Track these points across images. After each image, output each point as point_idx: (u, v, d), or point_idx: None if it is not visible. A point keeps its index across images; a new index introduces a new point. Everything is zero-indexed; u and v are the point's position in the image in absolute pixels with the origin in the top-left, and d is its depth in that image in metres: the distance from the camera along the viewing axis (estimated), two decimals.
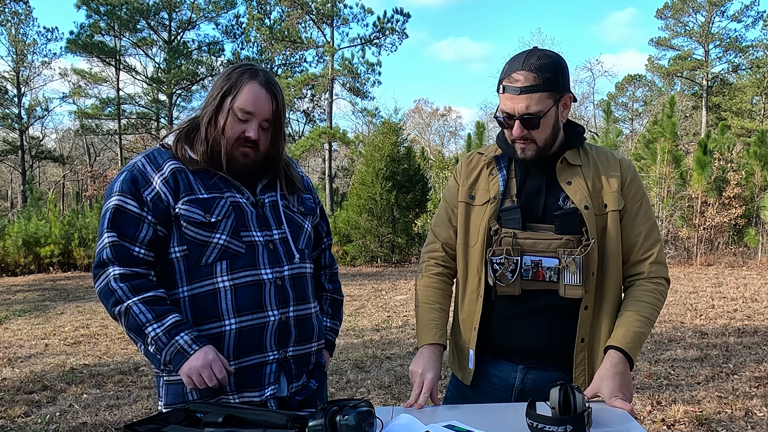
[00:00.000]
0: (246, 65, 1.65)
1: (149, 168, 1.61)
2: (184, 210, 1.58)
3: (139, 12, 29.29)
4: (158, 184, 1.59)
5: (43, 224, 15.07)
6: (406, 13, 27.84)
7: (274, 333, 1.62)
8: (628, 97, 41.33)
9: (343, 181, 36.01)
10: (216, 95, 1.61)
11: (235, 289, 1.59)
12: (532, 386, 1.73)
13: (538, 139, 1.66)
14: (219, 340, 1.58)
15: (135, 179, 1.60)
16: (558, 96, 1.64)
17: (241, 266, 1.60)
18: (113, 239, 1.57)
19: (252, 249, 1.62)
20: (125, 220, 1.58)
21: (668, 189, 14.00)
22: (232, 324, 1.58)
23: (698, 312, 7.82)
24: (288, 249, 1.67)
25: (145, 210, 1.58)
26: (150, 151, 1.67)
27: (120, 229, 1.57)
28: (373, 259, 15.18)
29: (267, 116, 1.61)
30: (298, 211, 1.75)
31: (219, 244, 1.59)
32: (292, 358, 1.66)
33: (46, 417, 4.30)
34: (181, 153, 1.63)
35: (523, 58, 1.63)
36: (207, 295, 1.59)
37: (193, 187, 1.60)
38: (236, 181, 1.65)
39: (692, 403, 4.31)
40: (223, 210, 1.60)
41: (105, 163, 39.87)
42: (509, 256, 1.66)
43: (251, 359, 1.61)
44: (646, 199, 1.76)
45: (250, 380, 1.61)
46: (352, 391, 4.80)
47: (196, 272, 1.60)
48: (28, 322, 8.25)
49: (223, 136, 1.60)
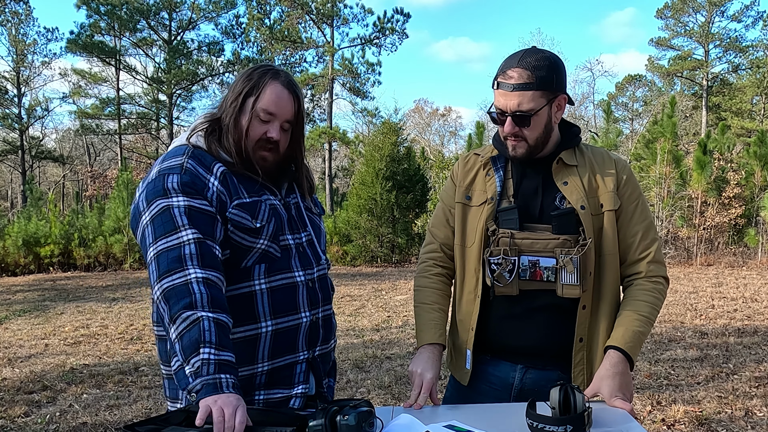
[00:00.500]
0: (266, 66, 1.63)
1: (201, 169, 1.54)
2: (235, 214, 1.54)
3: (139, 12, 29.28)
4: (215, 185, 1.54)
5: (43, 224, 15.07)
6: (406, 13, 27.85)
7: (306, 333, 1.63)
8: (628, 97, 41.34)
9: (343, 181, 36.01)
10: (238, 96, 1.59)
11: (271, 291, 1.59)
12: (530, 386, 1.73)
13: (528, 138, 1.66)
14: (255, 342, 1.57)
15: (193, 181, 1.52)
16: (551, 96, 1.65)
17: (277, 269, 1.60)
18: (197, 236, 1.46)
19: (287, 252, 1.62)
20: (201, 218, 1.49)
21: (668, 189, 14.01)
22: (269, 326, 1.58)
23: (698, 312, 7.82)
24: (315, 251, 1.69)
25: (215, 209, 1.52)
26: (188, 151, 1.57)
27: (199, 227, 1.47)
28: (373, 259, 15.18)
29: (289, 117, 1.60)
30: (315, 213, 1.77)
31: (261, 248, 1.58)
32: (319, 357, 1.68)
33: (46, 417, 4.31)
34: (218, 154, 1.59)
35: (520, 56, 1.65)
36: (243, 297, 1.57)
37: (239, 191, 1.57)
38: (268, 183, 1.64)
39: (692, 403, 4.31)
40: (266, 215, 1.59)
41: (105, 163, 39.87)
42: (507, 256, 1.67)
43: (284, 360, 1.61)
44: (642, 198, 1.77)
45: (280, 379, 1.61)
46: (352, 391, 4.80)
47: (232, 275, 1.56)
48: (28, 322, 8.25)
49: (246, 138, 1.58)
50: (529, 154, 1.69)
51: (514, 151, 1.70)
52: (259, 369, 1.58)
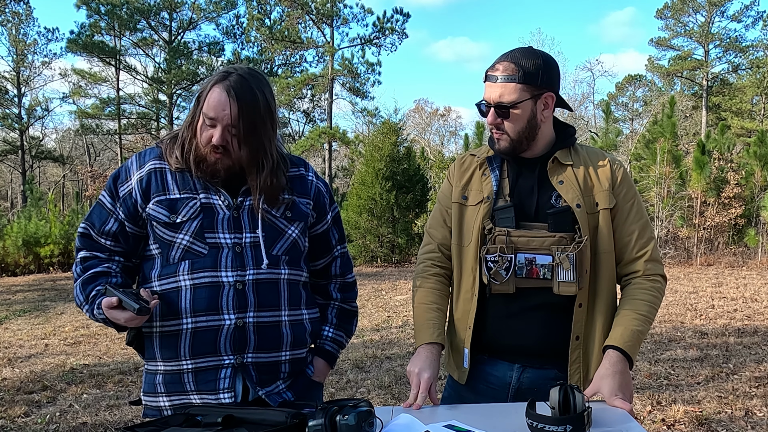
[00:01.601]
0: (225, 69, 1.65)
1: (135, 165, 1.70)
2: (152, 210, 1.64)
3: (140, 12, 29.28)
4: (134, 182, 1.67)
5: (43, 224, 15.08)
6: (406, 13, 27.85)
7: (230, 337, 1.61)
8: (628, 97, 41.32)
9: (343, 181, 36.00)
10: (195, 98, 1.65)
11: (194, 288, 1.61)
12: (528, 385, 1.74)
13: (510, 131, 1.68)
14: (177, 337, 1.62)
15: (118, 175, 1.70)
16: (536, 91, 1.66)
17: (201, 267, 1.61)
18: (83, 230, 1.70)
19: (215, 251, 1.62)
20: (99, 213, 1.70)
21: (668, 189, 14.01)
22: (189, 323, 1.61)
23: (698, 312, 7.82)
24: (257, 254, 1.64)
25: (118, 205, 1.68)
26: (145, 149, 1.74)
27: (92, 220, 1.71)
28: (373, 259, 15.18)
29: (229, 122, 1.57)
30: (282, 216, 1.69)
31: (182, 244, 1.63)
32: (252, 364, 1.64)
33: (46, 417, 4.31)
34: (169, 152, 1.68)
35: (511, 51, 1.69)
36: (172, 292, 1.63)
37: (168, 187, 1.65)
38: (217, 184, 1.66)
39: (692, 403, 4.31)
40: (191, 211, 1.63)
41: (105, 163, 39.86)
42: (503, 253, 1.68)
43: (206, 360, 1.62)
44: (637, 197, 1.78)
45: (206, 381, 1.63)
46: (352, 391, 4.80)
47: (165, 270, 1.65)
48: (28, 322, 8.25)
49: (198, 139, 1.63)
50: (512, 148, 1.71)
51: (498, 144, 1.72)
52: (184, 366, 1.64)
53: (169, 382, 1.66)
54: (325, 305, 1.87)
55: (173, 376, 1.65)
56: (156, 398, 1.70)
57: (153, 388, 1.70)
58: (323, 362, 1.83)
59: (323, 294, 1.87)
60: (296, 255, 1.73)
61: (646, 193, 14.27)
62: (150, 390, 1.71)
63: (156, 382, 1.69)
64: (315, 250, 1.82)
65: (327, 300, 1.88)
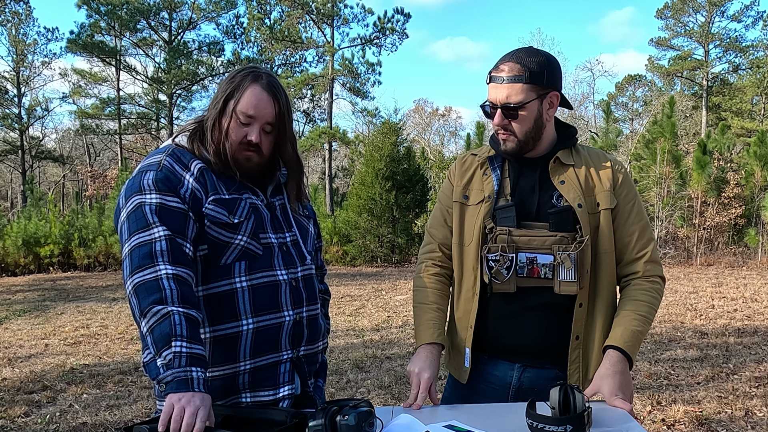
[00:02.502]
0: (250, 68, 1.64)
1: (178, 167, 1.58)
2: (211, 209, 1.57)
3: (140, 12, 29.27)
4: (191, 183, 1.57)
5: (43, 224, 15.08)
6: (406, 13, 27.82)
7: (289, 332, 1.63)
8: (628, 97, 41.31)
9: (343, 181, 36.00)
10: (220, 98, 1.62)
11: (253, 289, 1.60)
12: (529, 385, 1.74)
13: (518, 131, 1.68)
14: (236, 340, 1.58)
15: (168, 177, 1.55)
16: (542, 91, 1.67)
17: (259, 267, 1.61)
18: (167, 233, 1.48)
19: (269, 250, 1.64)
20: (172, 216, 1.52)
21: (668, 189, 14.01)
22: (250, 324, 1.59)
23: (698, 312, 7.82)
24: (299, 251, 1.70)
25: (187, 206, 1.55)
26: (169, 150, 1.63)
27: (170, 224, 1.50)
28: (373, 259, 15.18)
29: (269, 120, 1.60)
30: (303, 215, 1.78)
31: (240, 245, 1.60)
32: (303, 357, 1.68)
33: (46, 417, 4.31)
34: (199, 153, 1.63)
35: (514, 52, 1.69)
36: (224, 295, 1.59)
37: (218, 187, 1.60)
38: (249, 183, 1.66)
39: (692, 403, 4.32)
40: (245, 211, 1.61)
41: (105, 163, 39.87)
42: (504, 253, 1.68)
43: (267, 359, 1.61)
44: (638, 198, 1.78)
45: (265, 379, 1.62)
46: (352, 391, 4.80)
47: (213, 272, 1.59)
48: (28, 322, 8.25)
49: (227, 140, 1.60)
50: (519, 149, 1.71)
51: (504, 146, 1.72)
52: (241, 368, 1.59)
53: (220, 387, 1.58)
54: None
55: (226, 381, 1.59)
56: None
57: None
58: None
59: None
60: (314, 250, 1.82)
61: (646, 193, 14.27)
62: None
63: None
64: None
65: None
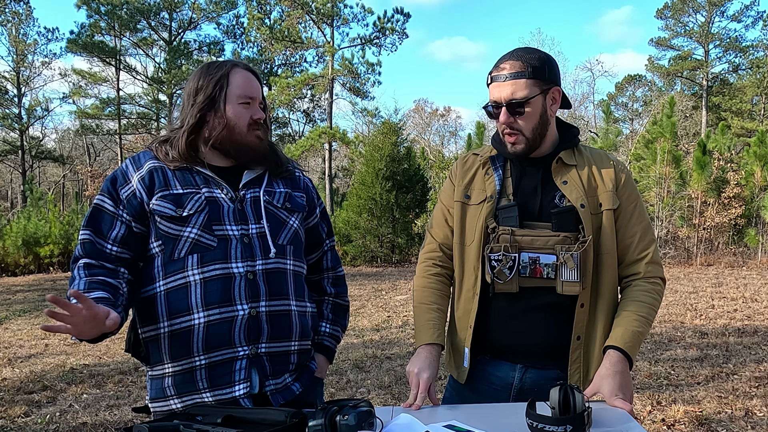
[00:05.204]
0: (219, 61, 1.74)
1: (131, 168, 1.69)
2: (157, 205, 1.62)
3: (140, 12, 29.28)
4: (135, 182, 1.65)
5: (42, 224, 15.09)
6: (406, 12, 27.79)
7: (244, 327, 1.61)
8: (628, 97, 41.31)
9: (343, 181, 35.98)
10: (201, 95, 1.66)
11: (204, 282, 1.60)
12: (530, 385, 1.74)
13: (525, 129, 1.68)
14: (189, 334, 1.60)
15: (115, 179, 1.68)
16: (545, 86, 1.67)
17: (211, 259, 1.61)
18: (87, 237, 1.64)
19: (225, 242, 1.63)
20: (101, 218, 1.65)
21: (668, 189, 14.01)
22: (201, 318, 1.59)
23: (698, 312, 7.82)
24: (264, 243, 1.67)
25: (121, 208, 1.65)
26: (137, 153, 1.75)
27: (95, 226, 1.65)
28: (373, 259, 15.18)
29: (260, 97, 1.70)
30: (283, 207, 1.74)
31: (190, 237, 1.61)
32: (265, 354, 1.65)
33: (46, 417, 4.31)
34: (163, 153, 1.69)
35: (512, 51, 1.70)
36: (179, 289, 1.61)
37: (170, 183, 1.65)
38: (218, 178, 1.68)
39: (692, 403, 4.31)
40: (196, 204, 1.63)
41: (105, 163, 39.85)
42: (507, 252, 1.68)
43: (221, 354, 1.61)
44: (640, 200, 1.78)
45: (220, 376, 1.61)
46: (352, 391, 4.80)
47: (170, 266, 1.62)
48: (28, 322, 8.25)
49: (236, 127, 1.66)
50: (528, 149, 1.70)
51: (513, 148, 1.71)
52: (196, 362, 1.61)
53: (180, 382, 1.63)
54: (320, 301, 1.90)
55: (185, 376, 1.63)
56: (166, 402, 1.66)
57: (161, 392, 1.67)
58: (323, 358, 1.86)
59: (317, 290, 1.90)
60: (299, 245, 1.78)
61: (647, 193, 14.28)
62: (158, 395, 1.68)
63: (164, 385, 1.66)
64: (307, 244, 1.85)
65: (321, 296, 1.91)
